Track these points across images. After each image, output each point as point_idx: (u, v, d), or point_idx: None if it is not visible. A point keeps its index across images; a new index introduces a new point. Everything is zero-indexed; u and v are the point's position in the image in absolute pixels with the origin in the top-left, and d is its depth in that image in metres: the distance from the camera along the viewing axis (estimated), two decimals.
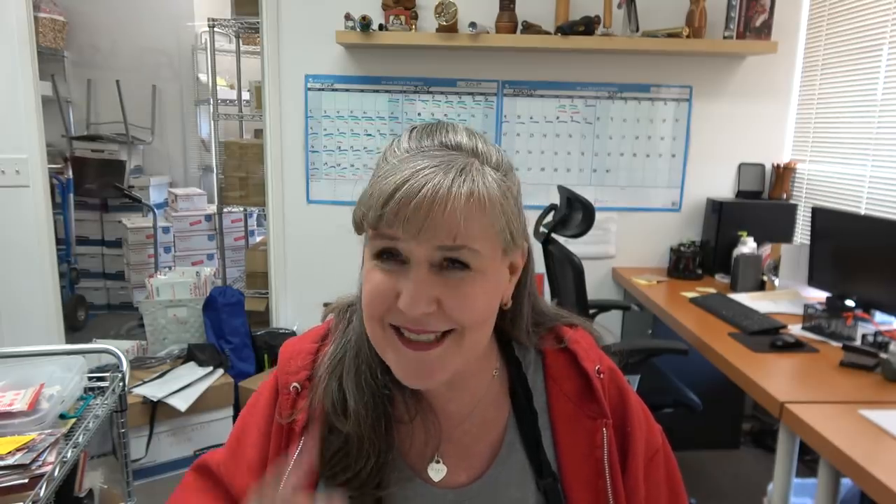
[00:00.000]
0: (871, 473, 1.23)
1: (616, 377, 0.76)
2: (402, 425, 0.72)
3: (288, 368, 0.76)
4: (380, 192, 0.60)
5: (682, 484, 0.80)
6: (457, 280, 0.62)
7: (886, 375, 1.67)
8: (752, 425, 2.97)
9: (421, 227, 0.59)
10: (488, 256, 0.63)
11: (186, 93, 4.97)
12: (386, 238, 0.61)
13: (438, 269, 0.62)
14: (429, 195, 0.58)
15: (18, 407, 1.30)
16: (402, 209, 0.58)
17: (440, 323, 0.62)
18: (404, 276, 0.62)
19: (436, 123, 0.68)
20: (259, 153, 3.23)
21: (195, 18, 4.85)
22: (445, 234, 0.59)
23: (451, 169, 0.60)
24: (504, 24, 2.68)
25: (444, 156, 0.62)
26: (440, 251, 0.60)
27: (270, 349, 2.96)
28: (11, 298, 2.65)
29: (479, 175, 0.62)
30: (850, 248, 2.18)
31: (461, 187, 0.59)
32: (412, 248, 0.61)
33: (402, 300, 0.61)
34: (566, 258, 2.12)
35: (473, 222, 0.60)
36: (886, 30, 2.40)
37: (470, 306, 0.63)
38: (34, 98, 2.58)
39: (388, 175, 0.61)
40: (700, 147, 2.95)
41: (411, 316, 0.61)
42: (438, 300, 0.61)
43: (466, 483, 0.72)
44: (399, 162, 0.62)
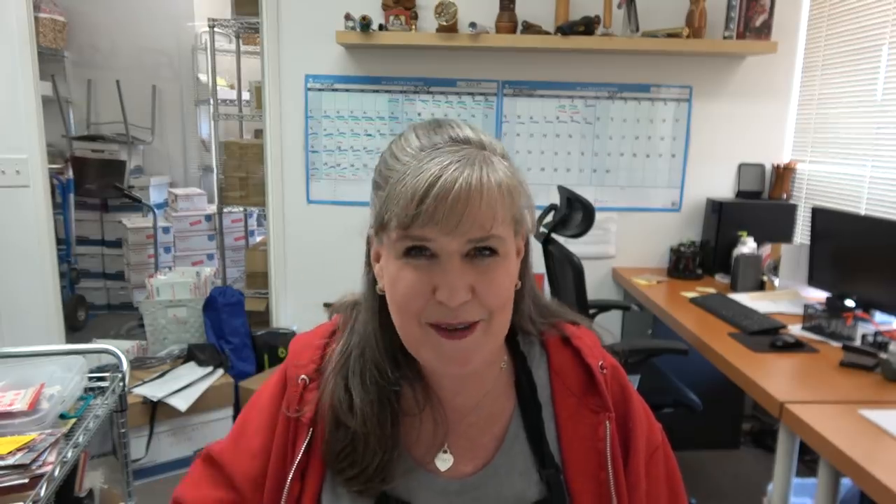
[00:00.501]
0: (870, 473, 1.23)
1: (618, 374, 0.77)
2: (408, 418, 0.74)
3: (298, 361, 0.77)
4: (413, 190, 0.60)
5: (682, 482, 0.81)
6: (486, 266, 0.64)
7: (886, 375, 1.67)
8: (752, 425, 2.97)
9: (459, 221, 0.60)
10: (509, 240, 0.66)
11: (186, 93, 4.97)
12: (416, 234, 0.62)
13: (469, 259, 0.64)
14: (464, 189, 0.60)
15: (19, 407, 1.30)
16: (440, 205, 0.60)
17: (475, 311, 0.64)
18: (437, 269, 0.63)
19: (436, 120, 0.69)
20: (259, 153, 3.23)
21: (195, 18, 4.85)
22: (480, 226, 0.62)
23: (474, 162, 0.62)
24: (504, 24, 2.68)
25: (461, 150, 0.63)
26: (472, 242, 0.62)
27: (270, 349, 2.96)
28: (11, 298, 2.66)
29: (499, 165, 0.64)
30: (850, 248, 2.18)
31: (490, 179, 0.62)
32: (444, 243, 0.62)
33: (441, 293, 0.63)
34: (566, 258, 2.12)
35: (501, 210, 0.63)
36: (886, 30, 2.40)
37: (498, 290, 0.65)
38: (34, 98, 2.58)
39: (415, 173, 0.61)
40: (700, 147, 2.95)
41: (452, 306, 0.63)
42: (472, 287, 0.64)
43: (471, 473, 0.73)
44: (419, 161, 0.63)
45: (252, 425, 0.78)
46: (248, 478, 0.76)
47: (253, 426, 0.78)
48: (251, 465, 0.76)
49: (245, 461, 0.76)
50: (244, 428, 0.79)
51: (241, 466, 0.76)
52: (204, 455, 0.83)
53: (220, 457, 0.80)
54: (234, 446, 0.79)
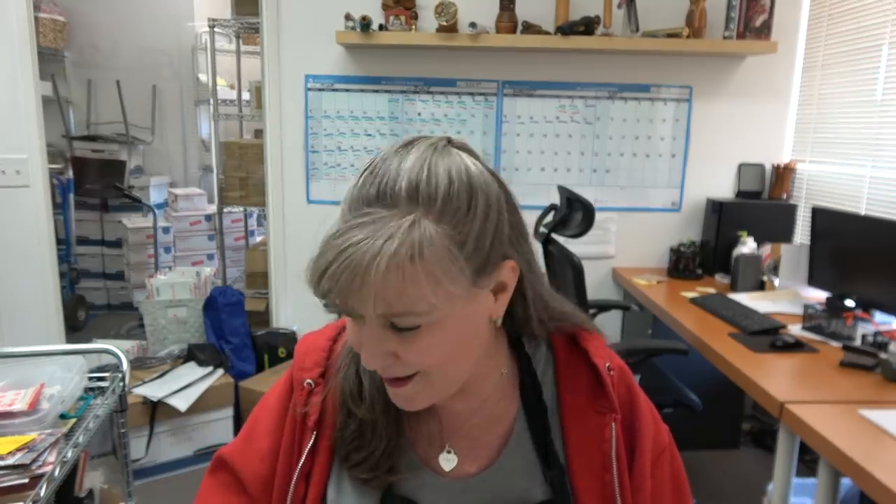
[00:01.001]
0: (870, 473, 1.23)
1: (625, 376, 0.77)
2: (411, 417, 0.74)
3: (303, 364, 0.78)
4: (313, 270, 0.59)
5: (688, 484, 0.81)
6: (411, 335, 0.60)
7: (886, 375, 1.67)
8: (752, 425, 2.97)
9: (357, 304, 0.58)
10: (444, 307, 0.59)
11: (186, 93, 4.97)
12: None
13: (391, 325, 0.60)
14: (352, 279, 0.56)
15: (19, 407, 1.30)
16: (332, 293, 0.58)
17: (404, 370, 0.63)
18: (363, 330, 0.62)
19: (395, 151, 0.63)
20: (259, 153, 3.23)
21: (195, 18, 4.85)
22: (382, 305, 0.57)
23: (375, 241, 0.56)
24: (504, 24, 2.68)
25: (375, 220, 0.57)
26: (381, 318, 0.60)
27: (270, 349, 2.96)
28: (11, 298, 2.66)
29: (412, 238, 0.57)
30: (850, 248, 2.18)
31: (386, 263, 0.55)
32: (356, 318, 0.62)
33: (361, 356, 0.63)
34: (566, 258, 2.12)
35: (408, 292, 0.57)
36: (886, 30, 2.40)
37: (428, 356, 0.62)
38: (34, 98, 2.58)
39: (322, 251, 0.59)
40: (700, 147, 2.95)
41: (369, 370, 0.64)
42: (395, 353, 0.62)
43: (475, 473, 0.73)
44: (332, 236, 0.59)
45: (261, 427, 0.79)
46: (258, 479, 0.77)
47: (262, 428, 0.79)
48: (261, 466, 0.77)
49: (255, 463, 0.78)
50: (254, 429, 0.80)
51: (252, 468, 0.78)
52: (215, 459, 0.83)
53: (230, 458, 0.80)
54: (244, 448, 0.80)
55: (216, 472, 0.82)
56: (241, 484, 0.78)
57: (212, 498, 0.80)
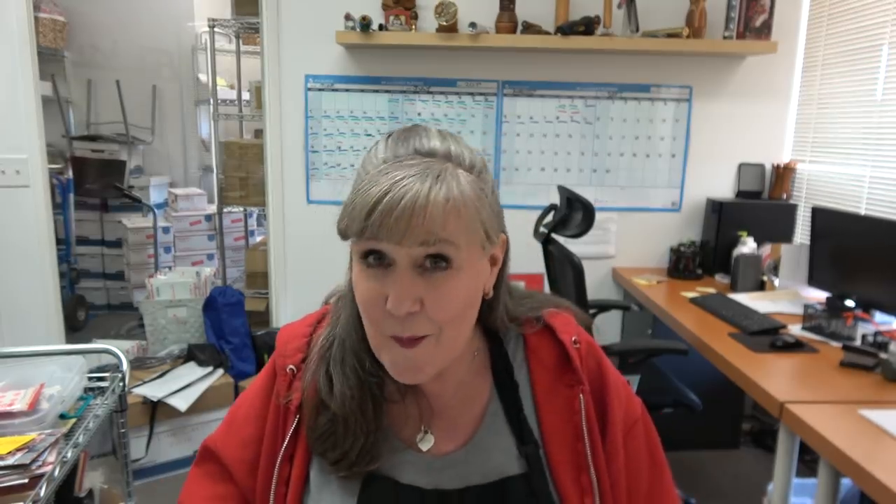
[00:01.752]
0: (871, 473, 1.23)
1: (593, 350, 0.81)
2: (394, 405, 0.77)
3: (285, 351, 0.80)
4: (362, 204, 0.63)
5: (663, 454, 0.83)
6: (438, 279, 0.65)
7: (886, 375, 1.67)
8: (752, 425, 2.97)
9: (403, 234, 0.62)
10: (466, 254, 0.66)
11: (186, 93, 4.97)
12: (369, 242, 0.65)
13: (421, 271, 0.65)
14: (408, 205, 0.62)
15: (18, 407, 1.30)
16: (385, 220, 0.62)
17: (423, 324, 0.66)
18: (390, 278, 0.65)
19: (410, 128, 0.71)
20: (259, 153, 3.23)
21: (195, 18, 4.85)
22: (428, 232, 0.63)
23: (427, 177, 0.63)
24: (504, 24, 2.68)
25: (420, 164, 0.65)
26: (422, 247, 0.64)
27: (270, 349, 2.95)
28: (11, 298, 2.66)
29: (454, 180, 0.65)
30: (850, 248, 2.18)
31: (438, 194, 0.63)
32: (395, 251, 0.64)
33: (389, 301, 0.65)
34: (566, 258, 2.12)
35: (451, 224, 0.64)
36: (886, 30, 2.40)
37: (450, 304, 0.66)
38: (34, 98, 2.58)
39: (368, 187, 0.64)
40: (700, 147, 2.95)
41: (397, 315, 0.65)
42: (421, 300, 0.65)
43: (452, 451, 0.76)
44: (377, 173, 0.65)
45: (242, 413, 0.83)
46: (242, 464, 0.80)
47: (243, 414, 0.82)
48: (244, 452, 0.80)
49: (239, 449, 0.81)
50: (235, 417, 0.84)
51: (236, 454, 0.81)
52: (201, 449, 0.86)
53: (215, 446, 0.84)
54: (226, 435, 0.83)
55: (202, 462, 0.85)
56: (227, 471, 0.81)
57: (198, 487, 0.83)
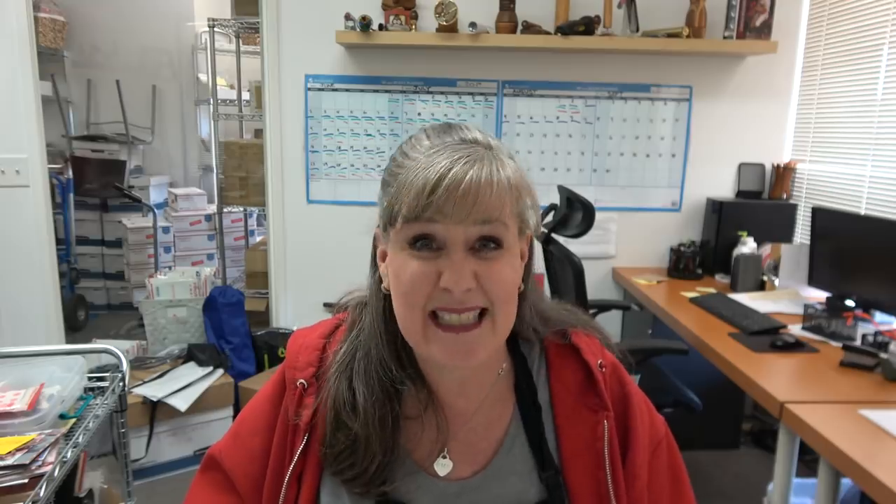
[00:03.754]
0: (871, 473, 1.23)
1: (618, 372, 0.78)
2: (410, 422, 0.74)
3: (295, 364, 0.77)
4: (424, 181, 0.63)
5: (686, 473, 0.81)
6: (490, 258, 0.66)
7: (886, 375, 1.67)
8: (752, 425, 2.97)
9: (469, 211, 0.63)
10: (513, 235, 0.68)
11: (186, 93, 4.97)
12: (424, 224, 0.65)
13: (473, 252, 0.66)
14: (475, 181, 0.63)
15: (18, 407, 1.30)
16: (451, 195, 0.62)
17: (478, 298, 0.66)
18: (443, 259, 0.65)
19: (446, 123, 0.72)
20: (259, 153, 3.23)
21: (195, 18, 4.84)
22: (489, 212, 0.64)
23: (482, 160, 0.65)
24: (504, 24, 2.68)
25: (469, 148, 0.66)
26: (479, 226, 0.65)
27: (270, 349, 2.96)
28: (11, 298, 2.65)
29: (507, 165, 0.67)
30: (850, 248, 2.18)
31: (500, 174, 0.65)
32: (451, 232, 0.64)
33: (445, 278, 0.64)
34: (566, 258, 2.12)
35: (508, 206, 0.66)
36: (886, 30, 2.40)
37: (502, 281, 0.67)
38: (34, 98, 2.58)
39: (426, 166, 0.64)
40: (700, 147, 2.95)
41: (457, 292, 0.64)
42: (476, 276, 0.65)
43: (469, 476, 0.73)
44: (429, 155, 0.65)
45: (249, 425, 0.79)
46: (248, 478, 0.76)
47: (250, 427, 0.79)
48: (251, 466, 0.76)
49: (245, 462, 0.77)
50: (242, 428, 0.80)
51: (242, 467, 0.77)
52: (206, 458, 0.83)
53: (220, 457, 0.80)
54: (233, 447, 0.79)
55: (207, 470, 0.82)
56: (231, 482, 0.78)
57: (202, 496, 0.80)
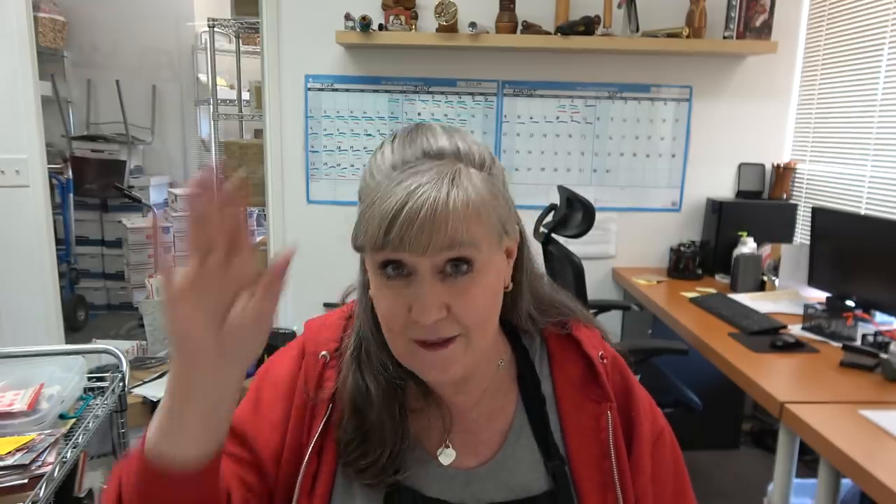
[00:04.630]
0: (871, 473, 1.23)
1: (619, 364, 0.79)
2: (416, 413, 0.75)
3: (317, 339, 0.78)
4: (380, 216, 0.62)
5: (684, 464, 0.82)
6: (461, 284, 0.65)
7: (886, 375, 1.67)
8: (752, 425, 2.97)
9: (427, 244, 0.61)
10: (487, 254, 0.66)
11: (186, 93, 4.96)
12: (390, 253, 0.63)
13: (443, 277, 0.64)
14: (429, 215, 0.60)
15: (18, 407, 1.30)
16: (406, 232, 0.61)
17: (450, 327, 0.65)
18: (412, 288, 0.64)
19: (415, 128, 0.69)
20: (259, 153, 3.22)
21: (195, 18, 4.84)
22: (451, 238, 0.62)
23: (443, 182, 0.62)
24: (504, 24, 2.68)
25: (431, 168, 0.63)
26: (445, 252, 0.63)
27: (270, 349, 2.92)
28: (11, 298, 2.65)
29: (469, 182, 0.64)
30: (850, 248, 2.18)
31: (457, 199, 0.62)
32: (416, 261, 0.63)
33: (414, 311, 0.64)
34: (566, 258, 2.12)
35: (472, 227, 0.63)
36: (886, 30, 2.40)
37: (474, 307, 0.66)
38: (34, 98, 2.58)
39: (384, 198, 0.62)
40: (700, 147, 2.95)
41: (424, 325, 0.64)
42: (447, 305, 0.64)
43: (475, 467, 0.74)
44: (389, 182, 0.63)
45: (268, 396, 0.77)
46: (269, 449, 0.74)
47: (269, 397, 0.77)
48: (272, 436, 0.74)
49: (266, 432, 0.75)
50: (260, 399, 0.77)
51: (263, 437, 0.74)
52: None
53: (240, 426, 0.76)
54: (253, 415, 0.76)
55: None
56: (243, 440, 0.74)
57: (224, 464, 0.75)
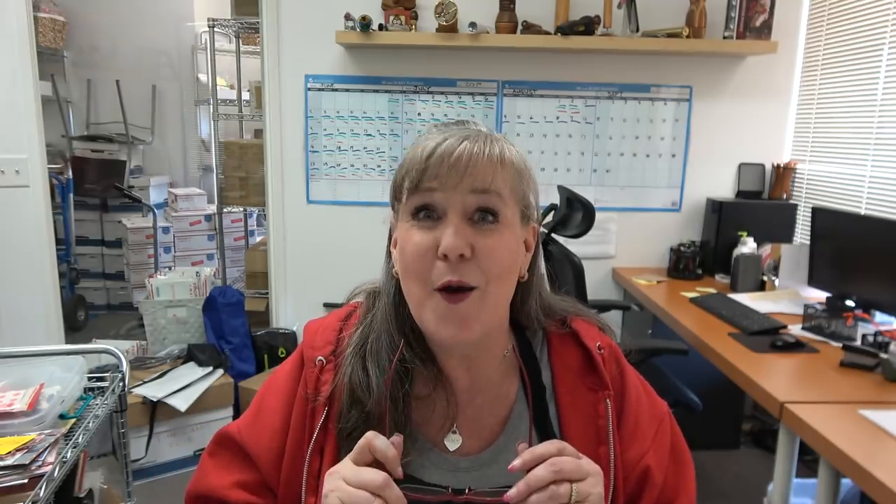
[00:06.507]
0: (871, 473, 1.23)
1: (616, 354, 0.83)
2: (420, 401, 0.78)
3: (313, 343, 0.81)
4: (421, 152, 0.70)
5: (689, 455, 0.85)
6: (486, 230, 0.70)
7: (886, 375, 1.67)
8: (752, 425, 2.97)
9: (462, 175, 0.68)
10: (511, 214, 0.72)
11: (186, 93, 4.97)
12: (424, 193, 0.69)
13: (471, 223, 0.70)
14: (466, 150, 0.69)
15: (18, 407, 1.30)
16: (445, 161, 0.68)
17: (473, 273, 0.69)
18: (441, 227, 0.69)
19: (459, 119, 0.78)
20: (259, 153, 3.23)
21: (195, 18, 4.84)
22: (481, 181, 0.69)
23: (478, 138, 0.71)
24: (504, 24, 2.68)
25: (470, 130, 0.73)
26: (474, 195, 0.69)
27: (270, 349, 2.96)
28: (11, 298, 2.65)
29: (505, 145, 0.73)
30: (850, 248, 2.18)
31: (492, 149, 0.71)
32: (449, 198, 0.69)
33: (443, 243, 0.68)
34: (566, 258, 2.12)
35: (502, 177, 0.71)
36: (886, 30, 2.40)
37: (498, 255, 0.70)
38: (34, 98, 2.58)
39: (425, 142, 0.71)
40: (700, 147, 2.95)
41: (451, 256, 0.67)
42: (472, 246, 0.68)
43: (477, 452, 0.77)
44: (431, 136, 0.72)
45: (270, 404, 0.82)
46: (269, 454, 0.79)
47: (271, 405, 0.81)
48: (271, 442, 0.79)
49: (265, 438, 0.80)
50: (262, 407, 0.83)
51: (262, 444, 0.80)
52: (218, 437, 0.85)
53: (239, 436, 0.82)
54: (253, 424, 0.82)
55: (221, 450, 0.83)
56: (250, 460, 0.80)
57: (221, 475, 0.81)
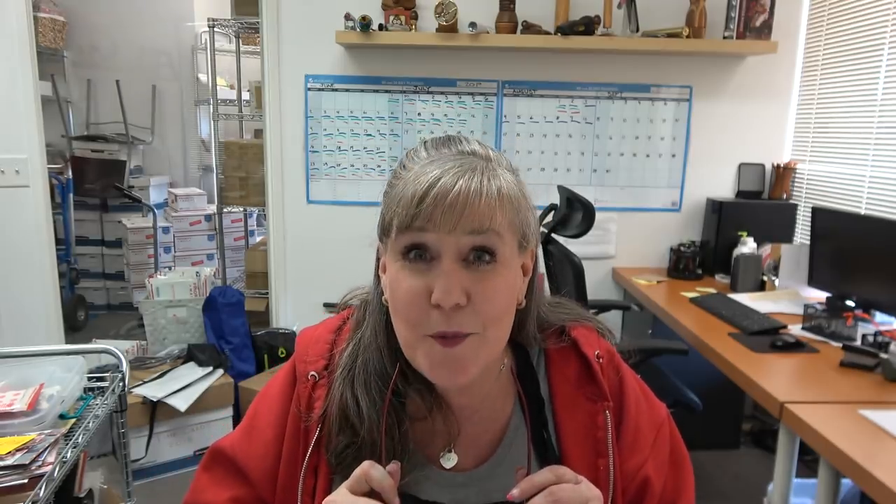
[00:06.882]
0: (871, 473, 1.23)
1: (614, 360, 0.80)
2: (417, 422, 0.75)
3: (306, 357, 0.78)
4: (413, 191, 0.63)
5: (688, 458, 0.83)
6: (483, 273, 0.65)
7: (886, 375, 1.67)
8: (752, 425, 2.97)
9: (457, 221, 0.63)
10: (509, 249, 0.67)
11: (186, 93, 4.97)
12: (416, 233, 0.64)
13: (465, 265, 0.65)
14: (463, 191, 0.63)
15: (18, 407, 1.30)
16: (439, 204, 0.62)
17: (469, 320, 0.64)
18: (434, 271, 0.64)
19: (447, 136, 0.72)
20: (259, 153, 3.23)
21: (195, 18, 4.84)
22: (479, 222, 0.63)
23: (475, 170, 0.65)
24: (504, 24, 2.68)
25: (465, 159, 0.66)
26: (471, 236, 0.64)
27: (270, 349, 2.95)
28: (11, 298, 2.65)
29: (501, 176, 0.67)
30: (850, 248, 2.18)
31: (491, 185, 0.64)
32: (443, 242, 0.64)
33: (435, 293, 0.63)
34: (566, 258, 2.12)
35: (499, 216, 0.65)
36: (886, 30, 2.40)
37: (494, 299, 0.66)
38: (34, 98, 2.57)
39: (417, 177, 0.64)
40: (700, 147, 2.95)
41: (445, 307, 0.63)
42: (468, 293, 0.64)
43: (473, 467, 0.75)
44: (423, 167, 0.66)
45: (263, 419, 0.80)
46: (262, 470, 0.77)
47: (264, 419, 0.79)
48: (265, 458, 0.77)
49: (259, 454, 0.78)
50: (255, 422, 0.80)
51: (256, 459, 0.78)
52: (212, 452, 0.83)
53: (231, 451, 0.80)
54: (246, 439, 0.80)
55: (214, 465, 0.82)
56: (243, 475, 0.78)
57: (216, 490, 0.79)
